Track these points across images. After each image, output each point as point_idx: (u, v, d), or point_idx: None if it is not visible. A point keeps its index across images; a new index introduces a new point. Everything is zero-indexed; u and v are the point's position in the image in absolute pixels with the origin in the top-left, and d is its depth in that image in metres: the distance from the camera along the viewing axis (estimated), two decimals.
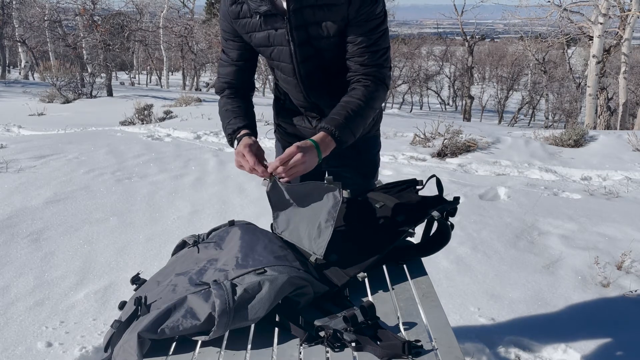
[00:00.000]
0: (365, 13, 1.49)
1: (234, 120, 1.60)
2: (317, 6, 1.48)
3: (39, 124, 9.00)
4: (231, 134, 1.59)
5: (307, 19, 1.50)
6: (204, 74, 31.18)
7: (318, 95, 1.68)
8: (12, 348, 2.28)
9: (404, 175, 4.87)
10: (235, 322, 1.19)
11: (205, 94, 19.39)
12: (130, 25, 21.21)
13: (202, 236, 1.54)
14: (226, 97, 1.70)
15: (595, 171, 5.28)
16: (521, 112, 24.61)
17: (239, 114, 1.62)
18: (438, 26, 38.42)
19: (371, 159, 1.89)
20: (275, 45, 1.57)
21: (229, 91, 1.70)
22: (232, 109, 1.64)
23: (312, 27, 1.52)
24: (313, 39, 1.54)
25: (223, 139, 6.82)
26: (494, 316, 2.58)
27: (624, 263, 3.06)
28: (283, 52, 1.57)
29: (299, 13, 1.49)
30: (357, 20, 1.50)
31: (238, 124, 1.59)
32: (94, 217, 3.73)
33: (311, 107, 1.73)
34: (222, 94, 1.72)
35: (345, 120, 1.46)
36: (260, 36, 1.57)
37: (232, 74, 1.69)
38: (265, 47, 1.59)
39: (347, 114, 1.48)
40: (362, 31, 1.51)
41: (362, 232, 1.54)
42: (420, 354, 1.10)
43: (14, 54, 28.56)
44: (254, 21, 1.55)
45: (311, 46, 1.55)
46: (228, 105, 1.66)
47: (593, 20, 12.05)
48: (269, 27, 1.53)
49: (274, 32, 1.54)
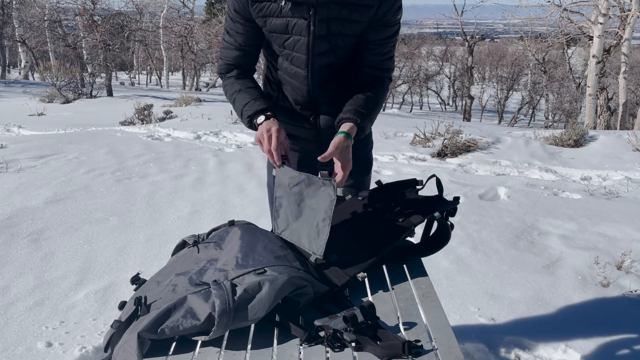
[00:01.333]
0: (388, 19, 1.54)
1: (255, 101, 1.56)
2: (345, 4, 1.50)
3: (39, 124, 9.00)
4: (253, 114, 1.54)
5: (331, 14, 1.51)
6: (204, 74, 31.17)
7: (320, 90, 1.68)
8: (12, 348, 2.28)
9: (404, 175, 4.87)
10: (235, 322, 1.19)
11: (205, 94, 19.39)
12: (130, 25, 21.22)
13: (202, 236, 1.54)
14: (234, 78, 1.65)
15: (595, 171, 5.28)
16: (521, 112, 24.61)
17: (258, 96, 1.59)
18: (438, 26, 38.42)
19: (365, 155, 1.90)
20: (293, 34, 1.55)
21: (237, 71, 1.66)
22: (247, 90, 1.60)
23: (334, 23, 1.53)
24: (332, 34, 1.55)
25: (223, 139, 6.82)
26: (494, 316, 2.58)
27: (624, 263, 3.06)
28: (300, 42, 1.56)
29: (326, 7, 1.49)
30: (379, 24, 1.54)
31: (262, 105, 1.55)
32: (94, 217, 3.73)
33: (307, 103, 1.71)
34: (227, 74, 1.67)
35: (367, 111, 1.56)
36: (278, 22, 1.55)
37: (238, 57, 1.65)
38: (281, 34, 1.57)
39: (367, 105, 1.56)
40: (382, 36, 1.56)
41: (362, 232, 1.54)
42: (420, 354, 1.10)
43: (14, 54, 28.56)
44: (274, 6, 1.52)
45: (328, 42, 1.56)
46: (241, 86, 1.62)
47: (593, 20, 12.05)
48: (290, 14, 1.52)
49: (294, 20, 1.52)
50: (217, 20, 20.67)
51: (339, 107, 1.61)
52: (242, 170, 5.02)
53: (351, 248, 1.48)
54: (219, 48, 1.70)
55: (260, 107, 1.54)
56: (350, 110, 1.55)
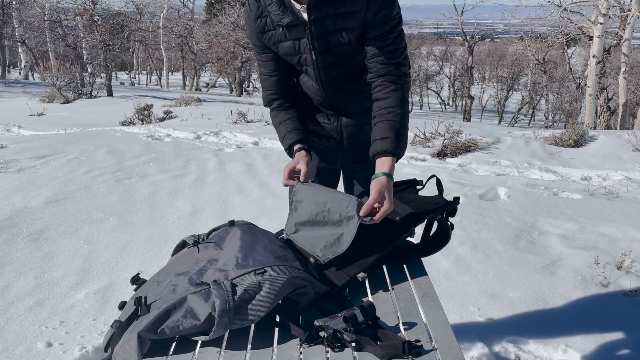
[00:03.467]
0: (382, 16, 1.55)
1: (288, 135, 1.69)
2: (337, 15, 1.53)
3: (39, 124, 8.99)
4: (288, 148, 1.69)
5: (327, 28, 1.55)
6: (204, 74, 31.17)
7: (338, 96, 1.74)
8: (12, 348, 2.28)
9: (404, 175, 4.87)
10: (235, 322, 1.19)
11: (205, 94, 19.39)
12: (130, 25, 21.21)
13: (202, 236, 1.54)
14: (276, 110, 1.76)
15: (595, 171, 5.28)
16: (521, 112, 24.59)
17: (292, 128, 1.70)
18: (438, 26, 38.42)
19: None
20: (302, 52, 1.63)
21: (277, 102, 1.76)
22: (284, 122, 1.72)
23: (332, 35, 1.57)
24: (334, 46, 1.60)
25: (223, 139, 6.83)
26: (494, 316, 2.58)
27: (624, 263, 3.06)
28: (307, 59, 1.64)
29: (320, 22, 1.54)
30: (374, 22, 1.56)
31: (293, 139, 1.68)
32: (94, 217, 3.73)
33: (329, 107, 1.79)
34: (271, 107, 1.78)
35: (397, 136, 1.55)
36: (287, 46, 1.62)
37: (274, 84, 1.74)
38: (293, 56, 1.65)
39: (394, 129, 1.55)
40: (380, 33, 1.57)
41: (362, 232, 1.54)
42: (420, 354, 1.10)
43: (14, 54, 28.55)
44: (279, 32, 1.60)
45: (332, 54, 1.62)
46: (280, 118, 1.74)
47: (593, 20, 12.04)
48: (293, 36, 1.59)
49: (298, 41, 1.60)
50: (217, 20, 20.65)
51: (358, 106, 1.71)
52: (242, 170, 5.02)
53: (351, 248, 1.48)
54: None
55: (294, 139, 1.67)
56: (383, 140, 1.53)
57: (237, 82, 21.72)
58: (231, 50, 20.38)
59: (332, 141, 1.83)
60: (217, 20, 20.52)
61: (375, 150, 1.54)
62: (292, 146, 1.66)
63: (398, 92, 1.59)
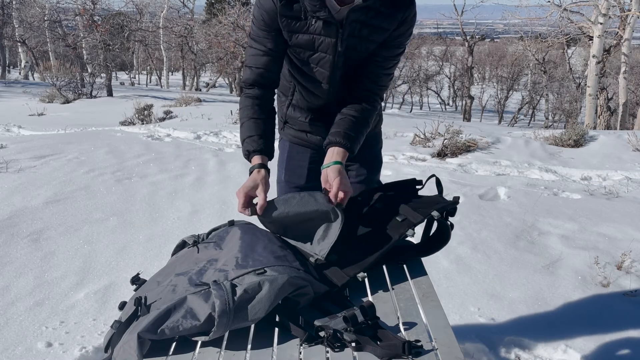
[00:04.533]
0: (400, 41, 1.60)
1: (252, 139, 1.56)
2: (366, 24, 1.54)
3: (39, 124, 9.00)
4: (247, 153, 1.56)
5: (353, 32, 1.56)
6: (204, 74, 31.18)
7: (335, 99, 1.73)
8: (12, 348, 2.28)
9: (404, 175, 4.87)
10: (235, 323, 1.19)
11: (205, 94, 19.40)
12: (130, 25, 21.22)
13: (202, 236, 1.54)
14: (252, 99, 1.62)
15: (595, 171, 5.28)
16: (521, 112, 24.60)
17: (259, 132, 1.57)
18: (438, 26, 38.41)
19: (375, 153, 1.97)
20: (319, 51, 1.59)
21: (257, 91, 1.63)
22: (255, 120, 1.59)
23: (352, 40, 1.57)
24: (348, 49, 1.59)
25: (223, 139, 6.82)
26: (494, 316, 2.58)
27: (624, 263, 3.06)
28: (325, 59, 1.61)
29: (351, 26, 1.54)
30: (390, 44, 1.60)
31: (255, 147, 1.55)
32: (94, 217, 3.73)
33: (322, 107, 1.78)
34: (248, 88, 1.64)
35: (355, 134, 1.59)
36: (305, 39, 1.57)
37: (268, 63, 1.61)
38: (306, 50, 1.60)
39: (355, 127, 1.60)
40: (389, 54, 1.62)
41: (362, 232, 1.54)
42: (420, 354, 1.10)
43: (14, 54, 28.56)
44: (302, 22, 1.54)
45: (350, 59, 1.63)
46: (251, 113, 1.60)
47: (593, 20, 12.05)
48: (318, 32, 1.55)
49: (321, 38, 1.56)
50: (217, 20, 20.65)
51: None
52: (242, 170, 5.02)
53: (351, 248, 1.48)
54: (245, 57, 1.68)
55: (256, 147, 1.54)
56: (339, 133, 1.57)
57: (237, 82, 21.72)
58: (231, 50, 20.38)
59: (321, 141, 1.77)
60: (217, 20, 20.53)
61: (329, 139, 1.57)
62: (252, 155, 1.54)
63: (369, 107, 1.66)
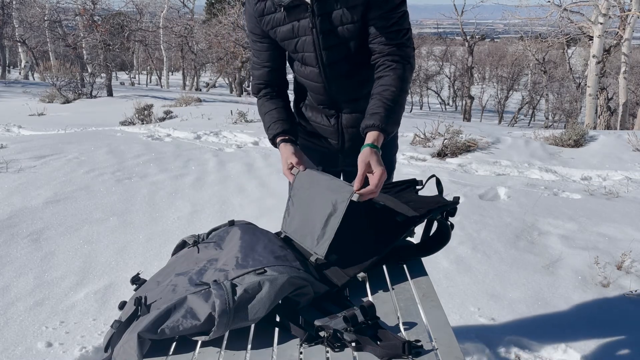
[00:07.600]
0: None
1: (273, 125, 1.68)
2: None
3: (39, 124, 8.99)
4: (272, 139, 1.68)
5: (330, 7, 1.54)
6: (204, 74, 31.18)
7: (339, 86, 1.70)
8: (12, 348, 2.28)
9: (404, 175, 4.87)
10: (235, 322, 1.19)
11: (205, 94, 19.39)
12: (130, 25, 21.20)
13: (202, 236, 1.54)
14: (264, 99, 1.76)
15: (595, 171, 5.28)
16: (521, 112, 24.60)
17: (277, 118, 1.69)
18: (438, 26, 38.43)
19: (388, 158, 1.92)
20: (300, 35, 1.61)
21: (265, 91, 1.76)
22: (269, 112, 1.71)
23: (335, 15, 1.56)
24: (336, 26, 1.57)
25: (223, 139, 6.82)
26: (494, 316, 2.58)
27: (624, 263, 3.06)
28: (307, 41, 1.61)
29: (322, 1, 1.53)
30: (377, 2, 1.54)
31: (280, 128, 1.66)
32: (94, 217, 3.73)
33: (329, 101, 1.76)
34: (258, 95, 1.78)
35: (387, 112, 1.51)
36: (285, 29, 1.62)
37: (265, 75, 1.75)
38: (290, 40, 1.63)
39: (386, 105, 1.52)
40: (382, 12, 1.55)
41: (362, 232, 1.54)
42: (420, 354, 1.10)
43: (14, 54, 28.55)
44: (278, 15, 1.60)
45: (335, 35, 1.59)
46: (266, 108, 1.73)
47: (593, 20, 12.05)
48: (293, 18, 1.58)
49: (297, 23, 1.59)
50: (217, 20, 20.67)
51: (360, 106, 1.65)
52: (242, 170, 5.02)
53: (351, 248, 1.48)
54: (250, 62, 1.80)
55: (278, 130, 1.66)
56: (373, 115, 1.51)
57: (237, 82, 21.73)
58: (231, 50, 20.39)
59: (332, 143, 1.82)
60: (217, 20, 20.54)
61: (364, 124, 1.52)
62: (276, 137, 1.65)
63: (398, 71, 1.56)
